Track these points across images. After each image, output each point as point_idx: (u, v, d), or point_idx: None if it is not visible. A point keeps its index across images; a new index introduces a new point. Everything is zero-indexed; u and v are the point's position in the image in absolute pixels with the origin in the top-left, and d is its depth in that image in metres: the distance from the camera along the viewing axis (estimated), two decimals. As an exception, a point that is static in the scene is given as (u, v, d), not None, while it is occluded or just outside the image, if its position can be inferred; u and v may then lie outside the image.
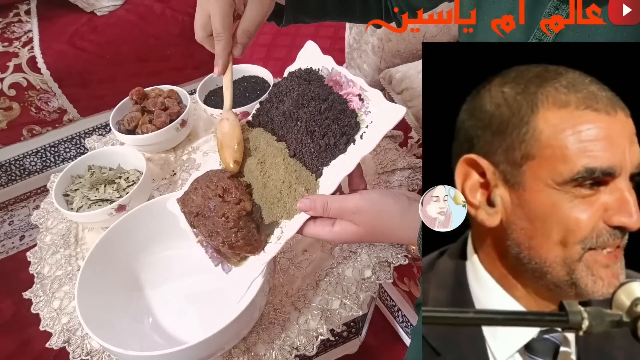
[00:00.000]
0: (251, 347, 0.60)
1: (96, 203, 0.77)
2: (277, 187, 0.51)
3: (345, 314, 0.62)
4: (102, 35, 1.47)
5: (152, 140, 0.85)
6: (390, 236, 0.50)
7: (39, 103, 1.41)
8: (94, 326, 0.52)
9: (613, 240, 0.34)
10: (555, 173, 0.34)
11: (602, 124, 0.34)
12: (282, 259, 0.69)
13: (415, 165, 0.80)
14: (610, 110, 0.34)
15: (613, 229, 0.33)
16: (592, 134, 0.33)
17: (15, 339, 1.25)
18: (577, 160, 0.33)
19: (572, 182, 0.33)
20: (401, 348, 1.12)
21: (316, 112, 0.51)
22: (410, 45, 1.09)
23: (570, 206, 0.34)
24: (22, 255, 0.99)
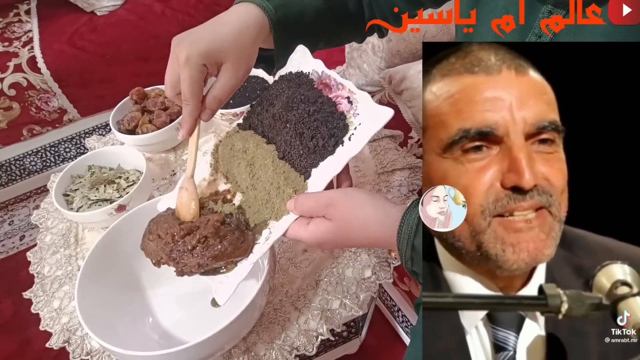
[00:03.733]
0: (251, 347, 0.60)
1: (96, 203, 0.77)
2: (266, 189, 0.51)
3: (345, 314, 0.62)
4: (102, 35, 1.47)
5: (152, 140, 0.85)
6: (365, 234, 0.47)
7: (39, 103, 1.41)
8: (94, 326, 0.52)
9: (515, 203, 0.32)
10: (438, 140, 0.34)
11: (481, 85, 0.33)
12: (282, 259, 0.69)
13: (415, 165, 0.80)
14: (491, 69, 0.33)
15: (511, 191, 0.32)
16: (469, 95, 0.33)
17: (15, 339, 1.24)
18: (453, 124, 0.33)
19: (453, 146, 0.33)
20: (401, 348, 1.12)
21: (305, 114, 0.52)
22: (410, 45, 1.09)
23: (458, 173, 0.33)
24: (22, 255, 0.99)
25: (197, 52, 0.49)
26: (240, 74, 0.52)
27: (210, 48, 0.49)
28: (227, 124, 0.91)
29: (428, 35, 1.07)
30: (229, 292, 0.49)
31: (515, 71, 0.34)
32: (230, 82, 0.51)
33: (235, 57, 0.51)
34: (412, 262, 0.44)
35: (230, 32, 0.51)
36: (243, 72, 0.53)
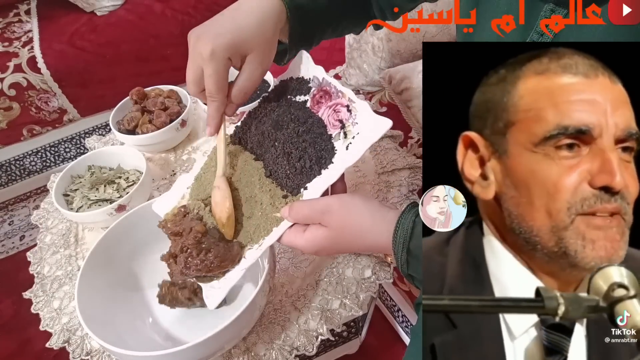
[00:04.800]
0: (251, 347, 0.60)
1: (96, 203, 0.77)
2: (250, 206, 0.51)
3: (345, 314, 0.62)
4: (102, 35, 1.47)
5: (152, 140, 0.85)
6: (361, 239, 0.47)
7: (39, 103, 1.41)
8: (94, 326, 0.52)
9: (601, 204, 0.33)
10: (531, 135, 0.34)
11: (579, 86, 0.33)
12: (282, 259, 0.69)
13: (415, 165, 0.80)
14: (589, 73, 0.34)
15: (599, 191, 0.33)
16: (567, 94, 0.33)
17: (15, 339, 1.25)
18: (551, 119, 0.33)
19: (547, 141, 0.33)
20: (401, 348, 1.12)
21: (294, 134, 0.51)
22: (410, 45, 1.09)
23: (549, 169, 0.33)
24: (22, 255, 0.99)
25: (222, 46, 0.47)
26: (265, 65, 0.51)
27: (235, 40, 0.48)
28: (227, 124, 0.91)
29: (428, 35, 1.07)
30: (220, 297, 0.49)
31: (609, 79, 0.34)
32: (256, 74, 0.50)
33: (260, 47, 0.49)
34: (407, 266, 0.44)
35: (254, 22, 0.49)
36: (267, 62, 0.51)
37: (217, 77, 0.48)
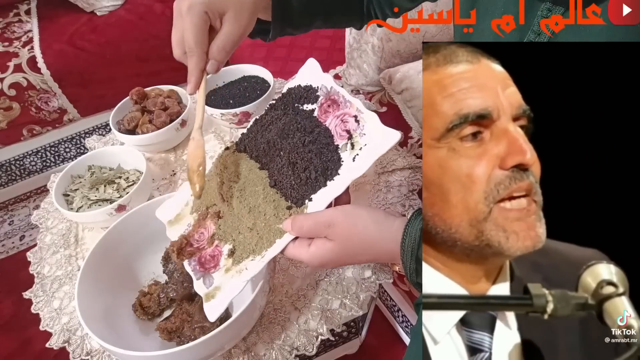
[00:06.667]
0: (251, 347, 0.60)
1: (96, 203, 0.77)
2: (254, 216, 0.50)
3: (345, 314, 0.62)
4: (102, 35, 1.47)
5: (152, 140, 0.85)
6: (368, 250, 0.47)
7: (39, 103, 1.41)
8: (94, 326, 0.52)
9: (516, 184, 0.32)
10: (432, 130, 0.34)
11: (466, 74, 0.34)
12: (282, 259, 0.69)
13: (415, 165, 0.80)
14: (471, 59, 0.34)
15: (511, 172, 0.33)
16: (458, 83, 0.33)
17: (15, 339, 1.24)
18: (449, 110, 0.33)
19: (449, 133, 0.33)
20: (401, 348, 1.12)
21: (300, 144, 0.51)
22: (410, 45, 1.09)
23: (458, 163, 0.33)
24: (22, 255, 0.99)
25: (199, 0, 0.48)
26: (243, 23, 0.51)
27: None
28: (227, 124, 0.91)
29: (428, 35, 1.07)
30: (219, 310, 0.48)
31: (489, 60, 0.34)
32: (234, 32, 0.51)
33: (238, 5, 0.50)
34: (417, 275, 0.44)
35: None
36: (246, 22, 0.52)
37: (195, 30, 0.49)
